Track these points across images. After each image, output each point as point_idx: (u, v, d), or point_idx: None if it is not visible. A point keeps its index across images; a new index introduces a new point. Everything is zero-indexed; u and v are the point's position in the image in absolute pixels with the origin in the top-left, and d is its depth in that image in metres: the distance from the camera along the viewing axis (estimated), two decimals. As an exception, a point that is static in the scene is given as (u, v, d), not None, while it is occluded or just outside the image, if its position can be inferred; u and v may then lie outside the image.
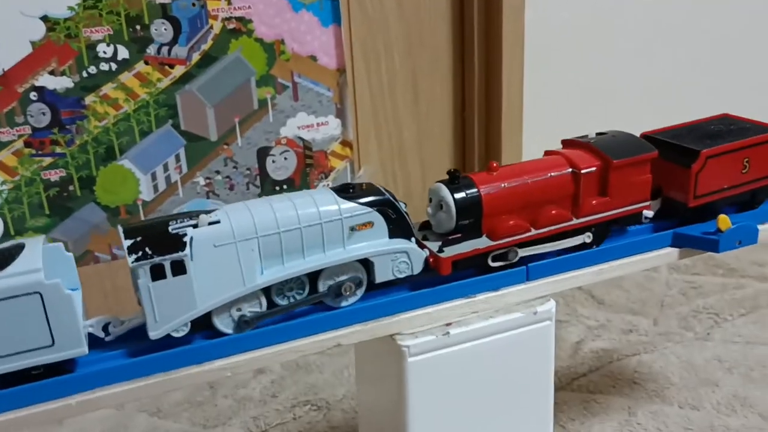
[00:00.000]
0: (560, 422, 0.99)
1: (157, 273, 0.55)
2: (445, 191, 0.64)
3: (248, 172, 1.23)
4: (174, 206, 1.19)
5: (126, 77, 1.11)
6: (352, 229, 0.61)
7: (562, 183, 0.67)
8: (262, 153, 1.23)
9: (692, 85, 1.58)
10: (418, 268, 0.63)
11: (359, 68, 1.26)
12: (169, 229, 0.56)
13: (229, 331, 0.59)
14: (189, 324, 0.57)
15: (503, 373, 0.67)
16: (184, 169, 1.18)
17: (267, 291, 0.59)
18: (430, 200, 0.66)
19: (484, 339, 0.65)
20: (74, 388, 0.55)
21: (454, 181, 0.64)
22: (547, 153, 0.72)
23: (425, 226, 0.68)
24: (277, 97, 1.21)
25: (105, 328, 0.59)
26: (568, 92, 1.44)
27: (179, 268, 0.55)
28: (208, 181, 1.20)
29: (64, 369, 0.56)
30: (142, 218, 1.18)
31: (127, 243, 0.55)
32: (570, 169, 0.68)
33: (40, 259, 0.53)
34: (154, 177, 1.17)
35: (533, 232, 0.66)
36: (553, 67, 1.41)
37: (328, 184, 1.29)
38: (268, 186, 1.24)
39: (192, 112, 1.16)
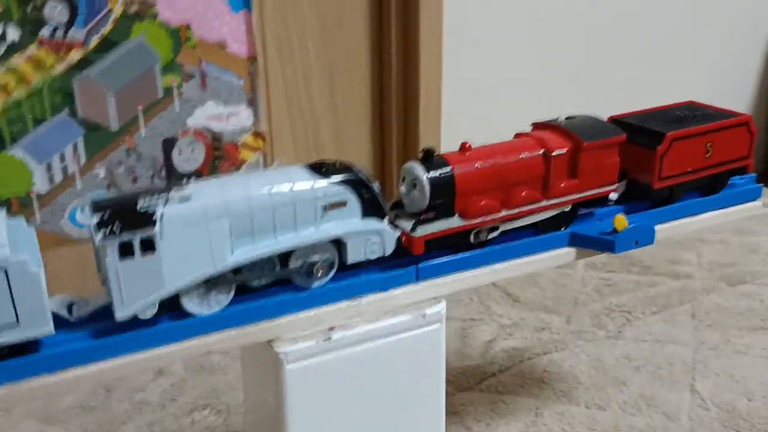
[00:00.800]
0: (466, 424, 0.97)
1: (126, 251, 0.52)
2: (419, 170, 0.63)
3: (152, 164, 1.17)
4: (71, 198, 1.12)
5: (17, 61, 1.04)
6: (325, 208, 0.59)
7: (534, 164, 0.68)
8: (168, 144, 1.17)
9: (613, 75, 1.59)
10: (390, 249, 0.62)
11: (272, 57, 1.22)
12: (138, 205, 0.54)
13: (198, 311, 0.57)
14: (157, 305, 0.55)
15: (391, 379, 0.64)
16: (83, 160, 1.12)
17: (237, 271, 0.58)
18: (403, 179, 0.65)
19: (370, 343, 0.62)
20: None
21: (427, 160, 0.64)
22: (518, 135, 0.72)
23: (396, 205, 0.67)
24: (184, 86, 1.15)
25: (69, 308, 0.57)
26: (488, 84, 1.43)
27: (148, 246, 0.53)
28: (109, 172, 1.14)
29: (30, 349, 0.53)
30: (36, 212, 1.11)
31: (95, 218, 0.52)
32: (541, 151, 0.68)
33: (5, 234, 0.51)
34: (49, 168, 1.10)
35: (504, 213, 0.67)
36: (472, 59, 1.39)
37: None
38: (174, 179, 1.19)
39: (91, 100, 1.10)
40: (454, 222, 0.65)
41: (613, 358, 1.10)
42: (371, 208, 0.61)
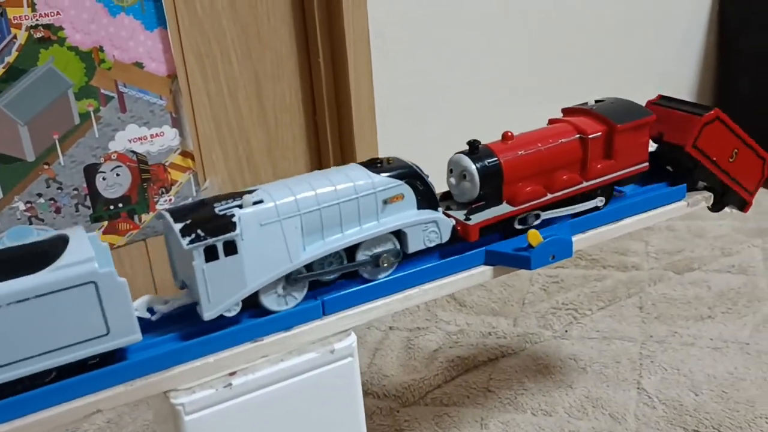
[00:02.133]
0: (410, 442, 0.94)
1: (210, 254, 0.55)
2: (467, 161, 0.67)
3: (76, 192, 1.12)
4: (-9, 235, 1.08)
5: None
6: (385, 201, 0.62)
7: (572, 149, 0.71)
8: (90, 171, 1.13)
9: (546, 72, 1.57)
10: (446, 237, 0.65)
11: (193, 74, 1.18)
12: (215, 210, 0.56)
13: (276, 308, 0.60)
14: (240, 303, 0.58)
15: (303, 421, 0.61)
16: None
17: (308, 267, 0.60)
18: (451, 171, 0.69)
19: (276, 386, 0.59)
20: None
21: (474, 152, 0.67)
22: (552, 121, 0.75)
23: (445, 197, 0.71)
24: (102, 110, 1.11)
25: (149, 310, 0.59)
26: (422, 87, 1.40)
27: (231, 248, 0.56)
28: (29, 205, 1.09)
29: (117, 357, 0.55)
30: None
31: (178, 226, 0.55)
32: (578, 135, 0.72)
33: (92, 249, 0.52)
34: (-36, 205, 1.06)
35: (549, 196, 0.70)
36: (403, 63, 1.36)
37: (170, 199, 1.20)
38: (101, 206, 1.15)
39: (1, 132, 1.05)
40: (503, 209, 0.68)
41: (560, 359, 1.08)
42: (426, 199, 0.64)
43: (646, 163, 0.77)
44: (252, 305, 0.59)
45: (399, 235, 0.64)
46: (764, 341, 1.09)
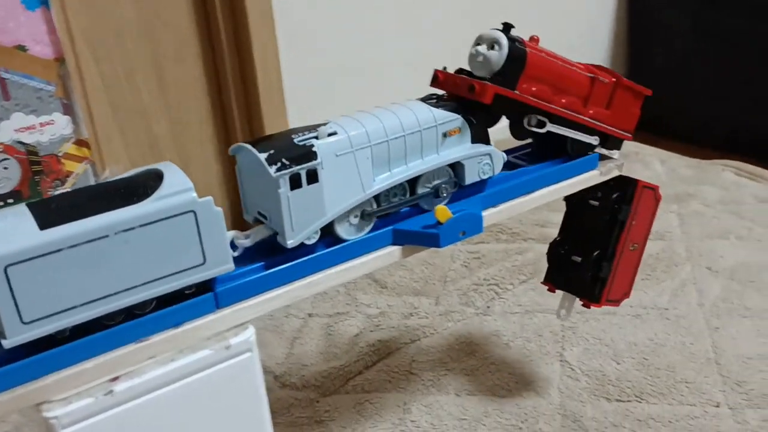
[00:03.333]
0: (330, 432, 0.90)
1: (295, 182, 0.57)
2: (501, 35, 0.68)
3: (-42, 189, 1.03)
4: None
5: None
6: (445, 135, 0.65)
7: (582, 81, 0.75)
8: (-27, 165, 1.04)
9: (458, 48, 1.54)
10: (498, 169, 0.69)
11: (84, 56, 1.10)
12: (294, 140, 0.58)
13: (349, 237, 0.62)
14: (319, 232, 0.60)
15: (198, 426, 0.56)
16: None
17: (376, 199, 0.63)
18: (479, 43, 0.69)
19: (165, 389, 0.54)
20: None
21: (507, 32, 0.69)
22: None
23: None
24: (-18, 98, 1.02)
25: (231, 244, 0.58)
26: (329, 64, 1.35)
27: (313, 177, 0.58)
28: None
29: (208, 287, 0.56)
30: None
31: (263, 155, 0.56)
32: (590, 74, 0.75)
33: (188, 180, 0.52)
34: None
35: (554, 106, 0.72)
36: (310, 40, 1.30)
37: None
38: (-12, 202, 1.06)
39: None
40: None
41: (482, 337, 1.06)
42: (479, 133, 0.68)
43: (631, 135, 0.80)
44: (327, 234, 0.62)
45: (455, 167, 0.67)
46: (682, 306, 1.10)
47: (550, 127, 0.72)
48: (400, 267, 1.25)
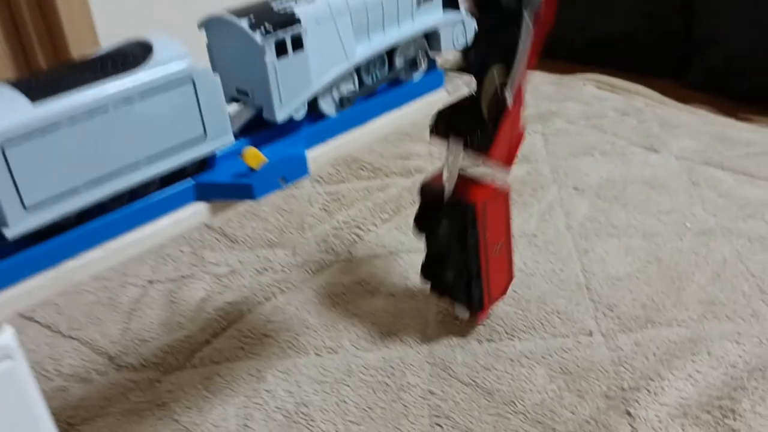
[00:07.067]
0: (174, 415, 0.79)
1: (281, 49, 0.55)
2: None
3: None
4: None
5: None
6: (419, 2, 0.65)
7: None
8: None
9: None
10: (470, 38, 0.70)
11: None
12: (273, 8, 0.56)
13: (332, 112, 0.62)
14: (306, 105, 0.59)
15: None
16: None
17: (357, 71, 0.63)
18: None
19: None
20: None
21: None
22: None
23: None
24: None
25: None
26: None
27: (298, 43, 0.56)
28: None
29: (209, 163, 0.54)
30: None
31: (243, 22, 0.54)
32: None
33: (183, 46, 0.50)
34: None
35: None
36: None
37: None
38: None
39: None
40: None
41: (344, 285, 0.97)
42: (450, 1, 0.68)
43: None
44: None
45: (429, 39, 0.68)
46: (550, 230, 1.04)
47: None
48: (252, 217, 1.14)
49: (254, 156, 0.51)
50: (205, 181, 0.52)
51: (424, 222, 0.83)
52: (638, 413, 0.74)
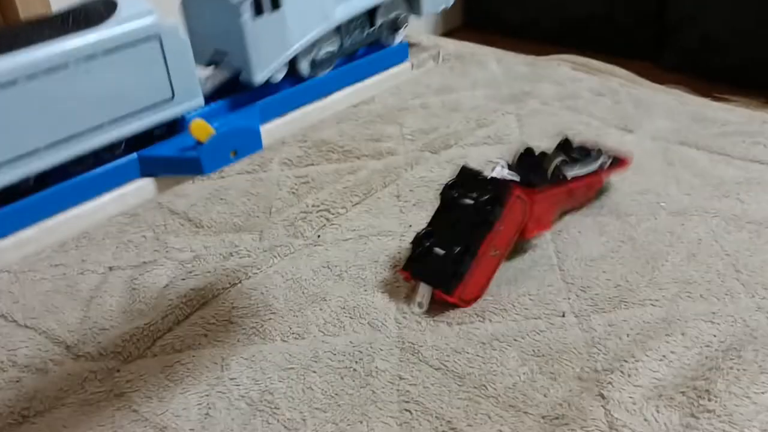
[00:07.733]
0: (133, 405, 0.76)
1: (259, 7, 0.54)
2: None
3: None
4: None
5: None
6: None
7: None
8: None
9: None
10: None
11: None
12: None
13: (309, 74, 0.60)
14: (286, 67, 0.58)
15: None
16: None
17: (337, 32, 0.61)
18: None
19: None
20: None
21: None
22: None
23: None
24: None
25: None
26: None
27: (275, 2, 0.54)
28: None
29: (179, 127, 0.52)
30: None
31: None
32: None
33: (149, 3, 0.48)
34: None
35: None
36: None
37: None
38: None
39: None
40: None
41: (312, 270, 0.94)
42: None
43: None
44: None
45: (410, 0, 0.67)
46: (523, 212, 1.02)
47: None
48: (218, 201, 1.10)
49: (201, 128, 0.48)
50: (149, 155, 0.49)
51: (450, 191, 0.86)
52: (612, 395, 0.72)
